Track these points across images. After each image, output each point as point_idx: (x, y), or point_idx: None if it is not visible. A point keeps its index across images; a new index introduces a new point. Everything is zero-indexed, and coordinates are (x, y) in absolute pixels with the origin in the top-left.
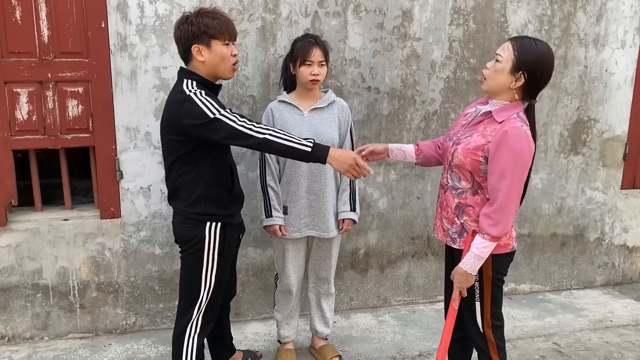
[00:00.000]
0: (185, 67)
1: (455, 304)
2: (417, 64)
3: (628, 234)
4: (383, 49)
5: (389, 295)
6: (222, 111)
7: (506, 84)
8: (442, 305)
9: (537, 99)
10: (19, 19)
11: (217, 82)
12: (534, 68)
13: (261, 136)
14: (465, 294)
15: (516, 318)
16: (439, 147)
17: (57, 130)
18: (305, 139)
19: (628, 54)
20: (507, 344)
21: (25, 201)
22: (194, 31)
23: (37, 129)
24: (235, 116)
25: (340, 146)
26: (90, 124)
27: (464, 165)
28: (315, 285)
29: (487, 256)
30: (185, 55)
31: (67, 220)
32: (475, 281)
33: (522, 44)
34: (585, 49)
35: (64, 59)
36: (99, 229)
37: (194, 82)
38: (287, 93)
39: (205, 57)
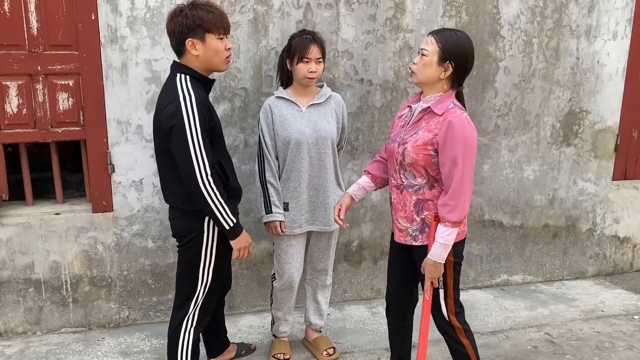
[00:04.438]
0: (178, 60)
1: (427, 295)
2: (409, 55)
3: (619, 225)
4: (375, 41)
5: (383, 287)
6: (200, 141)
7: (436, 75)
8: None
9: (464, 85)
10: (7, 11)
11: (210, 76)
12: (459, 56)
13: (203, 190)
14: (436, 285)
15: (509, 309)
16: (386, 160)
17: (48, 123)
18: (234, 215)
19: (619, 46)
20: (499, 335)
21: (16, 195)
22: (189, 24)
23: (27, 123)
24: (204, 159)
25: (337, 141)
26: (81, 117)
27: (417, 161)
28: (312, 277)
29: (451, 243)
30: (179, 48)
31: (59, 214)
32: None
33: (444, 36)
34: (577, 41)
35: (53, 52)
36: (91, 222)
37: (187, 77)
38: (284, 88)
39: (199, 51)
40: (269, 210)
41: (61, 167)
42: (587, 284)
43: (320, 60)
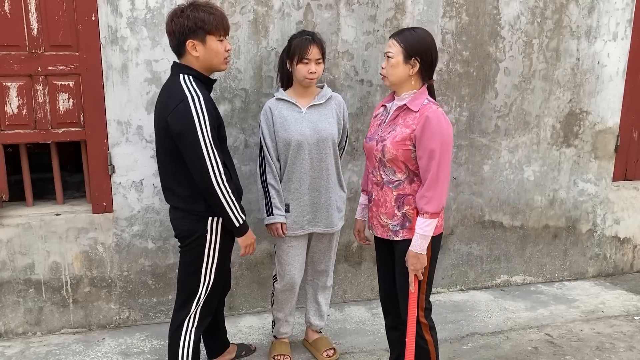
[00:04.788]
0: (178, 61)
1: (411, 287)
2: None
3: (619, 226)
4: (376, 42)
5: None
6: (211, 141)
7: (405, 74)
8: (435, 297)
9: (434, 77)
10: (7, 12)
11: (211, 76)
12: (422, 51)
13: (217, 190)
14: (420, 277)
15: (509, 310)
16: None
17: (48, 124)
18: (242, 213)
19: (620, 46)
20: (500, 336)
21: (16, 196)
22: (190, 26)
23: (27, 123)
24: (217, 158)
25: (338, 141)
26: (82, 118)
27: (397, 157)
28: (313, 278)
29: (430, 234)
30: (179, 49)
31: (59, 215)
32: None
33: (404, 35)
34: (577, 41)
35: (54, 52)
36: (91, 223)
37: (191, 77)
38: (284, 90)
39: (199, 52)
40: (270, 212)
41: (61, 167)
42: (588, 284)
43: (320, 61)
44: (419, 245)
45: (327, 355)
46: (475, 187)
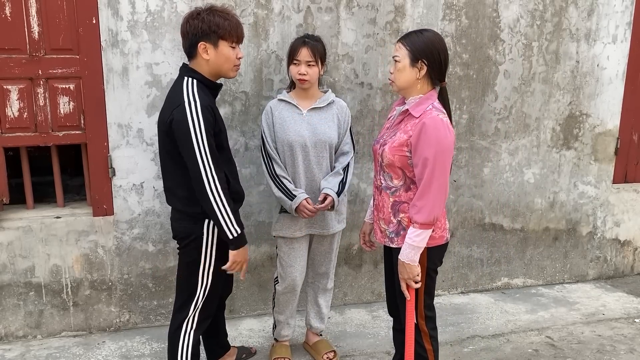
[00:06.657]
0: (187, 63)
1: (406, 295)
2: None
3: (620, 228)
4: (376, 45)
5: (383, 290)
6: (206, 146)
7: (412, 78)
8: (436, 300)
9: (446, 80)
10: (8, 15)
11: (218, 82)
12: (429, 53)
13: (210, 196)
14: (413, 285)
15: (509, 312)
16: None
17: (49, 127)
18: (239, 226)
19: (619, 49)
20: (500, 338)
21: (17, 199)
22: (204, 29)
23: (28, 126)
24: (211, 164)
25: (338, 146)
26: (82, 121)
27: (393, 163)
28: (313, 281)
29: (422, 245)
30: (190, 50)
31: (60, 218)
32: None
33: (410, 38)
34: (576, 44)
35: (54, 56)
36: (92, 226)
37: (195, 81)
38: (288, 92)
39: (210, 55)
40: (291, 197)
41: (62, 170)
42: (588, 287)
43: (311, 63)
44: (407, 255)
45: (327, 357)
46: (476, 189)
